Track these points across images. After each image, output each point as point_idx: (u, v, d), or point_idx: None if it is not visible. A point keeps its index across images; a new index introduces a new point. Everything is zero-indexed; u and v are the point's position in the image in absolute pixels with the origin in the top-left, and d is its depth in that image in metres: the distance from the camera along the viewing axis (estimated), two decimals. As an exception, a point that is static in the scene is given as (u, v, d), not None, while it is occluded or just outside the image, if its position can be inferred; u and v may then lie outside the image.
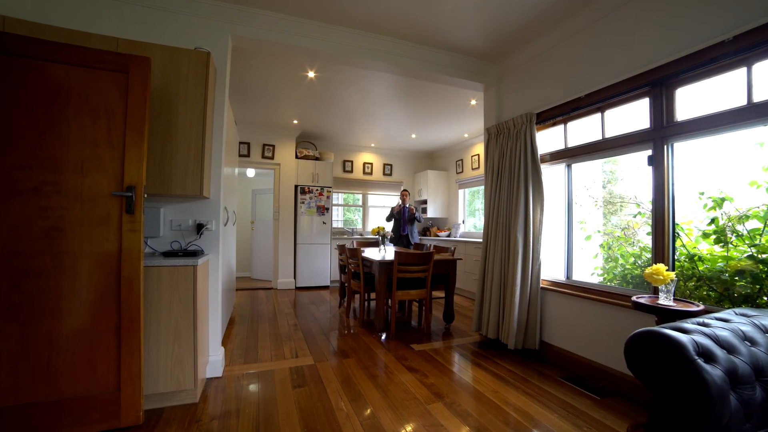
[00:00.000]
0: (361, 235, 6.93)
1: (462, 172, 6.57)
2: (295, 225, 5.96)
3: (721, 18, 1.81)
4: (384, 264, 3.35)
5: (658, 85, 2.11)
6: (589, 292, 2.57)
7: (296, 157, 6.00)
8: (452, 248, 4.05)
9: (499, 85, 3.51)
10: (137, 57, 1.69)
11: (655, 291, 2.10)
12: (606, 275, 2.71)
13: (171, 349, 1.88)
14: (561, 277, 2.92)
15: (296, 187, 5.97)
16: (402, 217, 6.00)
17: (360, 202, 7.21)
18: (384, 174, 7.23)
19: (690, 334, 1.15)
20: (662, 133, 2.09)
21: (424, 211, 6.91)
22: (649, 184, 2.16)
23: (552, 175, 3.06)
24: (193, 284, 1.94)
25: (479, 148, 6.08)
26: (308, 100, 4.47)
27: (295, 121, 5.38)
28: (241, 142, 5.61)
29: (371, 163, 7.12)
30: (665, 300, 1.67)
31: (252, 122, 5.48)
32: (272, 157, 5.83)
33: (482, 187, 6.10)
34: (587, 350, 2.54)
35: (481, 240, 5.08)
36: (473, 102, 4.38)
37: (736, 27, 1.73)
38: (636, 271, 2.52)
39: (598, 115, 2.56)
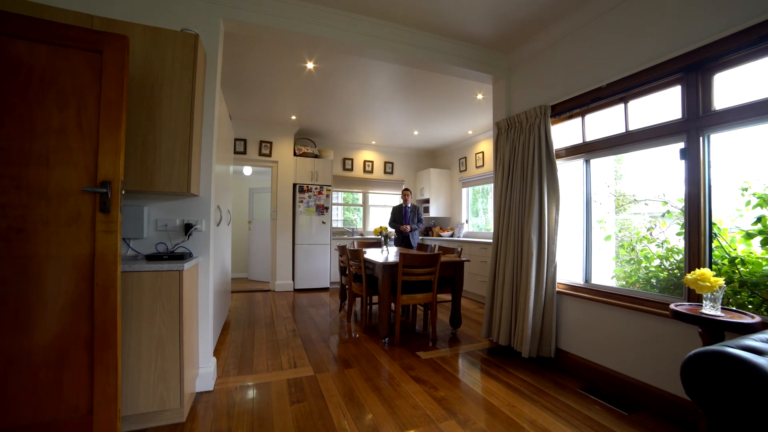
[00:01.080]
0: (362, 235, 6.73)
1: (465, 170, 6.37)
2: (293, 225, 5.76)
3: (768, -7, 1.62)
4: (388, 266, 3.16)
5: (693, 70, 1.91)
6: (612, 296, 2.38)
7: (294, 154, 5.80)
8: (459, 249, 3.85)
9: (509, 76, 3.31)
10: (112, 35, 1.49)
11: (690, 297, 1.91)
12: (629, 278, 2.52)
13: (154, 364, 1.68)
14: (578, 280, 2.73)
15: (294, 185, 5.76)
16: (404, 217, 5.81)
17: (360, 201, 7.01)
18: (385, 172, 7.04)
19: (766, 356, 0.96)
20: (697, 123, 1.90)
21: (426, 210, 6.71)
22: (678, 179, 1.98)
23: (567, 171, 2.87)
24: (178, 291, 1.73)
25: (484, 146, 5.89)
26: (307, 94, 4.26)
27: (294, 117, 5.18)
28: (236, 139, 5.40)
29: (372, 161, 6.92)
30: (711, 309, 1.48)
31: (248, 118, 5.27)
32: (270, 155, 5.63)
33: (487, 186, 5.91)
34: (609, 359, 2.35)
35: (486, 240, 4.90)
36: (480, 96, 4.19)
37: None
38: (661, 274, 2.33)
39: (621, 106, 2.36)
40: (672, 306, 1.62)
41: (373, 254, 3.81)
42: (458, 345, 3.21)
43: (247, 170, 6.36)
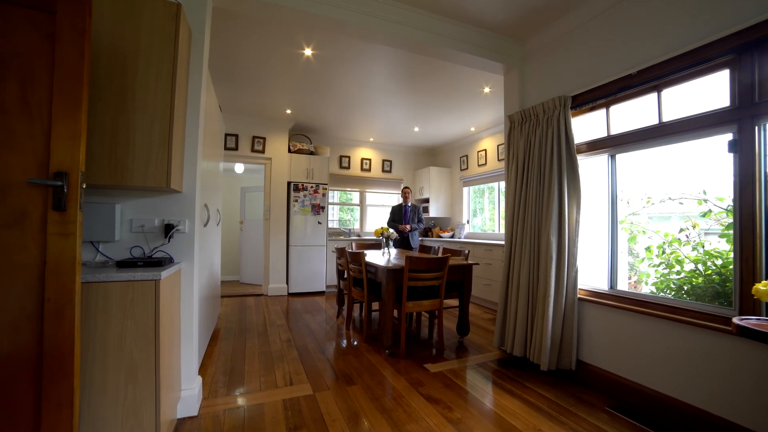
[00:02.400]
0: (359, 236, 6.47)
1: (467, 168, 6.15)
2: (287, 225, 5.47)
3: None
4: (392, 271, 2.90)
5: (748, 50, 1.69)
6: (643, 305, 2.15)
7: (289, 151, 5.51)
8: (466, 251, 3.61)
9: (522, 66, 3.08)
10: (70, -9, 1.20)
11: (745, 309, 1.69)
12: (659, 284, 2.30)
13: (123, 395, 1.40)
14: (601, 285, 2.50)
15: (289, 183, 5.48)
16: (404, 216, 5.56)
17: (357, 201, 6.74)
18: (383, 171, 6.78)
19: None
20: (752, 111, 1.68)
21: (426, 210, 6.47)
22: (721, 175, 1.76)
23: (588, 168, 2.64)
24: (154, 304, 1.46)
25: (487, 143, 5.67)
26: (304, 86, 3.99)
27: (289, 111, 4.89)
28: (227, 134, 5.10)
29: (369, 159, 6.66)
30: (789, 326, 1.25)
31: (240, 111, 4.97)
32: (263, 151, 5.33)
33: (489, 185, 5.68)
34: (641, 375, 2.12)
35: (490, 242, 4.67)
36: (487, 90, 3.96)
37: None
38: (697, 280, 2.12)
39: (653, 95, 2.14)
40: (736, 320, 1.39)
41: (375, 257, 3.55)
42: (468, 355, 2.97)
43: (239, 168, 6.05)
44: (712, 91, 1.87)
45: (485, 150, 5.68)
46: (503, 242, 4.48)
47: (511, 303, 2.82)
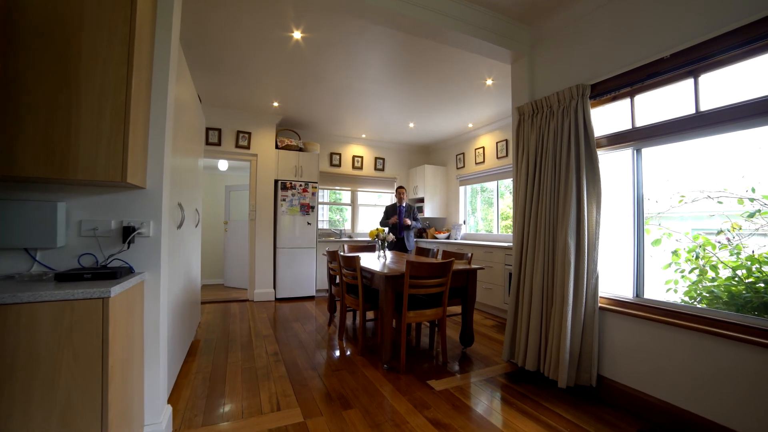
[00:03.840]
0: (351, 237, 6.16)
1: (464, 167, 5.91)
2: (274, 226, 5.13)
3: None
4: (391, 278, 2.62)
5: (812, 25, 1.47)
6: (675, 316, 1.93)
7: (276, 147, 5.17)
8: (468, 254, 3.36)
9: (532, 53, 2.84)
10: None
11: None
12: (692, 293, 2.08)
13: (54, 448, 1.08)
14: (625, 293, 2.27)
15: (276, 181, 5.14)
16: (398, 217, 5.29)
17: (349, 200, 6.44)
18: (376, 169, 6.49)
19: None
20: (815, 95, 1.46)
21: (421, 210, 6.22)
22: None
23: (609, 163, 2.42)
24: (102, 328, 1.14)
25: (485, 140, 5.44)
26: (292, 75, 3.67)
27: (276, 104, 4.56)
28: (209, 128, 4.73)
29: (362, 157, 6.36)
30: None
31: (223, 104, 4.61)
32: (248, 147, 4.98)
33: (482, 185, 5.44)
34: (674, 394, 1.89)
35: (491, 243, 4.42)
36: (489, 81, 3.71)
37: None
38: (736, 288, 1.90)
39: (688, 81, 1.92)
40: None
41: (370, 261, 3.26)
42: (474, 369, 2.70)
43: (223, 165, 5.69)
44: (763, 74, 1.65)
45: (483, 147, 5.45)
46: (504, 244, 4.27)
47: (523, 312, 2.57)
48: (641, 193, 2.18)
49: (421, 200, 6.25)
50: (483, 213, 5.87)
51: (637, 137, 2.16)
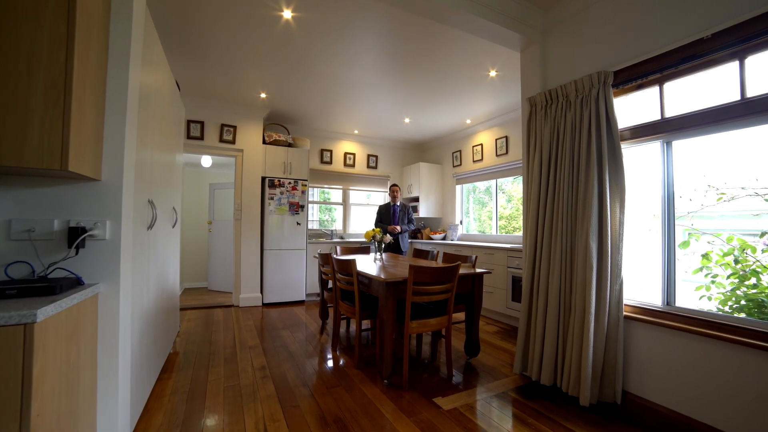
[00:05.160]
0: (342, 238, 5.88)
1: (460, 165, 5.70)
2: (262, 226, 4.81)
3: None
4: (392, 284, 2.36)
5: None
6: (712, 326, 1.72)
7: (264, 142, 4.85)
8: (473, 257, 3.12)
9: (545, 39, 2.62)
10: None
11: None
12: (728, 300, 1.88)
13: None
14: (652, 301, 2.06)
15: (264, 179, 4.82)
16: (392, 217, 5.04)
17: (340, 199, 6.15)
18: (368, 166, 6.22)
19: None
20: None
21: (415, 209, 5.97)
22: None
23: (632, 158, 2.22)
24: (23, 366, 0.85)
25: (484, 137, 5.23)
26: (281, 63, 3.37)
27: (263, 95, 4.24)
28: (191, 121, 4.39)
29: (354, 154, 6.08)
30: None
31: (206, 94, 4.27)
32: (233, 142, 4.65)
33: (477, 184, 5.23)
34: (713, 415, 1.69)
35: (489, 245, 4.19)
36: (493, 73, 3.49)
37: None
38: (778, 296, 1.71)
39: (732, 64, 1.71)
40: None
41: (367, 265, 3.00)
42: (482, 383, 2.47)
43: (207, 161, 5.32)
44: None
45: (481, 144, 5.24)
46: (505, 245, 4.04)
47: (537, 321, 2.34)
48: (672, 189, 1.98)
49: (416, 199, 6.02)
50: (476, 213, 5.68)
51: (667, 128, 1.96)
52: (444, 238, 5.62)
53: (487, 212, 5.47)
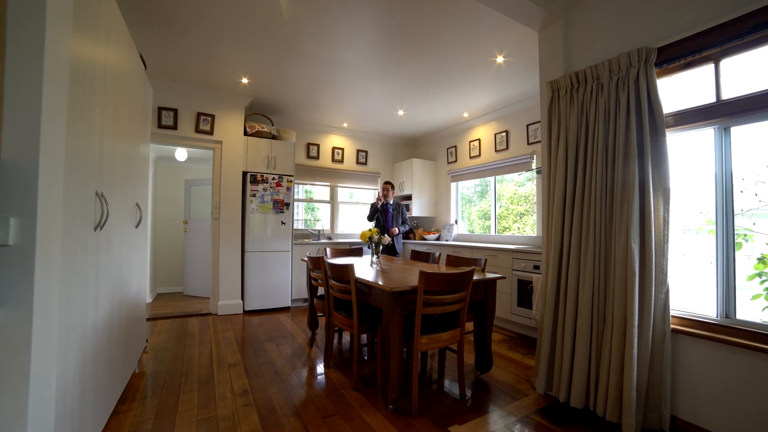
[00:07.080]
0: (330, 239, 5.49)
1: (456, 161, 5.41)
2: (242, 226, 4.37)
3: None
4: (399, 294, 2.01)
5: None
6: (786, 345, 1.47)
7: (245, 133, 4.41)
8: (482, 260, 2.82)
9: (567, 16, 2.33)
10: None
11: None
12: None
13: None
14: (705, 312, 1.80)
15: (245, 174, 4.38)
16: (385, 216, 4.70)
17: (328, 197, 5.75)
18: (358, 162, 5.85)
19: None
20: None
21: (408, 208, 5.64)
22: None
23: (678, 146, 1.95)
24: None
25: (481, 132, 4.95)
26: (265, 42, 2.97)
27: (245, 80, 3.81)
28: (162, 108, 3.91)
29: (342, 149, 5.70)
30: None
31: (180, 78, 3.80)
32: (211, 132, 4.19)
33: (480, 181, 4.95)
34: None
35: (490, 245, 3.89)
36: (500, 59, 3.19)
37: None
38: None
39: (806, 35, 1.46)
40: None
41: (364, 271, 2.64)
42: (500, 404, 2.15)
43: (182, 154, 4.83)
44: None
45: (479, 139, 4.96)
46: (508, 246, 3.74)
47: (565, 335, 2.05)
48: (730, 183, 1.72)
49: (408, 197, 5.69)
50: (466, 212, 5.42)
51: (725, 113, 1.69)
52: (438, 239, 5.32)
53: (477, 211, 5.21)
